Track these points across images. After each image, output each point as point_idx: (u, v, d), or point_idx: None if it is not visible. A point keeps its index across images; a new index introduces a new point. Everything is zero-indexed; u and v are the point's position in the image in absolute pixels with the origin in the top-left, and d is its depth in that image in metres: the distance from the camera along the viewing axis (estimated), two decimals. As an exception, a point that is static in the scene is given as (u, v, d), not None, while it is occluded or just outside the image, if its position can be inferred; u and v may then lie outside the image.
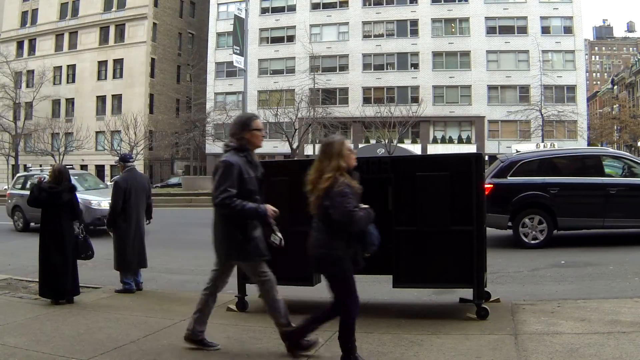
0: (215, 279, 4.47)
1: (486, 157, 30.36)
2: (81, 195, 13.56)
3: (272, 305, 4.33)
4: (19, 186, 16.44)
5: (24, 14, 56.46)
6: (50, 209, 6.26)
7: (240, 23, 22.25)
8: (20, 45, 55.95)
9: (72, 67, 53.38)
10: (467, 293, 5.30)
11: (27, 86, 51.97)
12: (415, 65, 47.35)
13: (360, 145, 44.95)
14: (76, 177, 15.63)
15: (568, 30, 44.90)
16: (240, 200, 4.09)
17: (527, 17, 45.07)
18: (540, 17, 44.90)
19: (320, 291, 6.32)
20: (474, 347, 4.14)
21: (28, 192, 12.86)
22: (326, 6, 49.42)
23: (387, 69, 48.20)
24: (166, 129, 48.62)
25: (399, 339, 4.39)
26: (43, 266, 6.23)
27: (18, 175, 19.29)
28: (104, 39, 52.58)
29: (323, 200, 3.78)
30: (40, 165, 19.98)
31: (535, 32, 44.29)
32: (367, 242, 3.84)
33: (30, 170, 17.30)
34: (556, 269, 7.77)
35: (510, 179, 9.83)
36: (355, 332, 3.88)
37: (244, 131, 4.28)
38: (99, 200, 13.81)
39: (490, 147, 42.32)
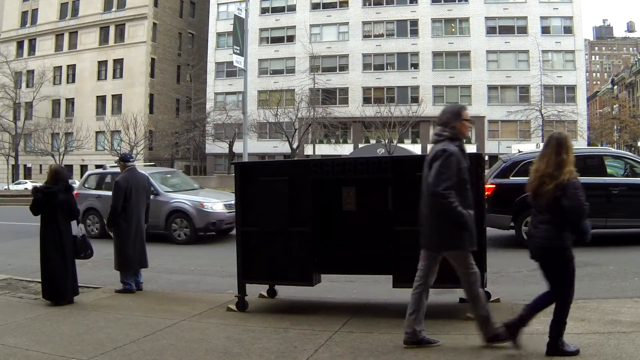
0: (424, 275, 4.33)
1: (486, 157, 30.38)
2: (188, 197, 12.29)
3: (474, 299, 4.29)
4: (92, 185, 14.05)
5: (24, 14, 56.50)
6: (48, 210, 6.25)
7: (240, 23, 22.21)
8: (20, 45, 56.00)
9: (72, 67, 53.41)
10: (467, 293, 5.28)
11: (27, 86, 52.01)
12: (415, 65, 47.35)
13: (360, 145, 45.00)
14: (161, 176, 13.37)
15: (568, 30, 44.89)
16: (456, 198, 4.08)
17: (527, 17, 45.07)
18: (540, 17, 44.90)
19: (320, 291, 6.35)
20: (474, 347, 4.14)
21: (104, 193, 12.35)
22: (326, 6, 49.42)
23: (387, 69, 48.19)
24: (166, 129, 48.64)
25: (399, 339, 4.38)
26: (44, 268, 6.23)
27: (89, 173, 15.73)
28: (104, 39, 52.61)
29: (557, 191, 3.89)
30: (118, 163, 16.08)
31: (535, 32, 44.29)
32: (586, 231, 4.01)
33: (107, 168, 14.49)
34: (556, 269, 7.75)
35: (513, 179, 9.79)
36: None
37: (455, 120, 4.29)
38: (212, 202, 12.19)
39: (490, 147, 42.30)
